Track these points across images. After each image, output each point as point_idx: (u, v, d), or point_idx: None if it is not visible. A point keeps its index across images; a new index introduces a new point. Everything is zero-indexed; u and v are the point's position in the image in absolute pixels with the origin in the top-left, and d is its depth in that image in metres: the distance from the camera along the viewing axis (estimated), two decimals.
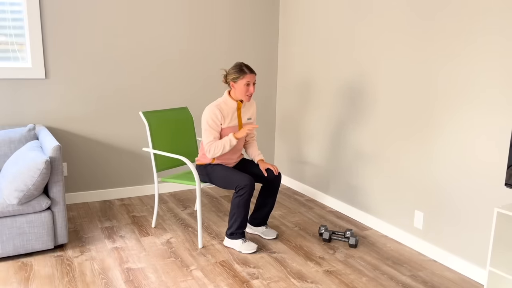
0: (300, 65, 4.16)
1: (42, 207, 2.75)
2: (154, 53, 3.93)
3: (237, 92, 2.94)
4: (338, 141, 3.73)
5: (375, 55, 3.26)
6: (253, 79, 2.92)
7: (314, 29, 3.91)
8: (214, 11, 4.11)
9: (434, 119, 2.83)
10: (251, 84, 2.91)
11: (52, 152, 2.77)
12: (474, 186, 2.61)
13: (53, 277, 2.57)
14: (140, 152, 4.05)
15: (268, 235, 3.18)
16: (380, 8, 3.18)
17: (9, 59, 3.46)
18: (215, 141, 2.91)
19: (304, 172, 4.22)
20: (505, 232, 2.17)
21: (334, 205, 3.82)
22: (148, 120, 3.13)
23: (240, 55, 4.31)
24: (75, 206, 3.77)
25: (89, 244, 3.02)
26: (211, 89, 4.25)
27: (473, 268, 2.65)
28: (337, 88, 3.69)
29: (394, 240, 3.19)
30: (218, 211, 3.71)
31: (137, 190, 4.08)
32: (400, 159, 3.12)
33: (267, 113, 4.59)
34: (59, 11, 3.52)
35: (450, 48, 2.68)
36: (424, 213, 2.96)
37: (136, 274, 2.63)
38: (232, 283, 2.55)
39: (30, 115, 3.57)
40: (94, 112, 3.80)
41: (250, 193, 2.83)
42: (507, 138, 2.41)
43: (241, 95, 2.93)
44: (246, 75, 2.89)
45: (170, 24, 3.95)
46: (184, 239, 3.13)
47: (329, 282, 2.59)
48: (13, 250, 2.73)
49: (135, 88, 3.92)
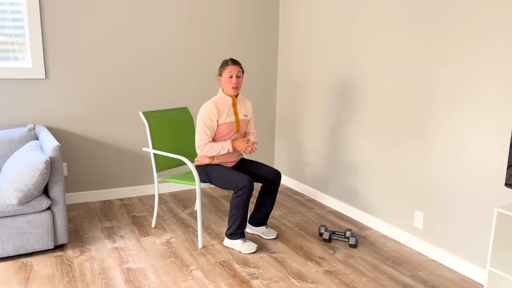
0: (300, 64, 4.16)
1: (42, 207, 2.75)
2: (154, 53, 3.93)
3: (224, 85, 2.99)
4: (338, 141, 3.73)
5: (374, 55, 3.26)
6: (236, 71, 2.94)
7: (314, 28, 3.91)
8: (214, 10, 4.11)
9: (434, 119, 2.83)
10: (234, 76, 2.94)
11: (52, 152, 2.77)
12: (474, 186, 2.61)
13: (53, 277, 2.57)
14: (140, 152, 4.05)
15: (268, 235, 3.18)
16: (379, 8, 3.18)
17: (9, 59, 3.46)
18: (209, 140, 2.93)
19: (304, 172, 4.22)
20: (505, 232, 2.17)
21: (334, 205, 3.82)
22: (148, 120, 3.13)
23: (240, 54, 4.31)
24: (75, 206, 3.77)
25: (89, 244, 3.02)
26: (211, 89, 4.25)
27: (473, 268, 2.65)
28: (337, 88, 3.69)
29: (394, 240, 3.19)
30: (218, 211, 3.71)
31: (137, 190, 4.08)
32: (400, 159, 3.12)
33: (267, 113, 4.59)
34: (59, 11, 3.52)
35: (448, 49, 2.68)
36: (424, 213, 2.96)
37: (136, 274, 2.63)
38: (232, 283, 2.55)
39: (30, 115, 3.57)
40: (94, 112, 3.80)
41: (249, 194, 2.83)
42: (507, 138, 2.41)
43: (227, 87, 2.97)
44: (228, 66, 2.95)
45: (170, 24, 3.95)
46: (184, 239, 3.13)
47: (329, 282, 2.59)
48: (13, 250, 2.73)
49: (135, 88, 3.92)
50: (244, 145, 2.96)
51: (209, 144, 2.93)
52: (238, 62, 2.99)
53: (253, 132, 3.21)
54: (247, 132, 3.20)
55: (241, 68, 2.99)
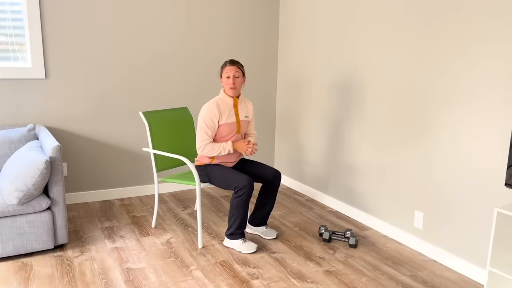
0: (300, 64, 4.16)
1: (42, 207, 2.75)
2: (154, 53, 3.93)
3: (224, 86, 3.00)
4: (338, 141, 3.73)
5: (374, 54, 3.26)
6: (233, 71, 2.95)
7: (314, 27, 3.91)
8: (215, 10, 4.11)
9: (434, 119, 2.83)
10: (231, 76, 2.95)
11: (52, 152, 2.77)
12: (474, 186, 2.61)
13: (53, 277, 2.57)
14: (140, 152, 4.05)
15: (268, 235, 3.18)
16: (380, 7, 3.18)
17: (9, 59, 3.46)
18: (210, 141, 2.93)
19: (304, 172, 4.22)
20: (505, 232, 2.17)
21: (334, 205, 3.82)
22: (148, 120, 3.13)
23: (240, 54, 4.31)
24: (75, 206, 3.77)
25: (89, 244, 3.02)
26: (211, 89, 4.25)
27: (473, 268, 2.65)
28: (337, 88, 3.69)
29: (394, 240, 3.19)
30: (218, 211, 3.71)
31: (137, 190, 4.08)
32: (400, 159, 3.12)
33: (267, 113, 4.59)
34: (59, 11, 3.52)
35: (448, 49, 2.68)
36: (424, 213, 2.96)
37: (136, 274, 2.63)
38: (232, 283, 2.55)
39: (30, 115, 3.57)
40: (94, 112, 3.80)
41: (249, 194, 2.83)
42: (507, 138, 2.41)
43: (227, 88, 2.99)
44: (225, 67, 2.97)
45: (170, 24, 3.95)
46: (184, 239, 3.13)
47: (329, 282, 2.59)
48: (13, 250, 2.73)
49: (135, 88, 3.92)
50: (244, 146, 2.96)
51: (210, 144, 2.93)
52: (237, 62, 2.99)
53: (253, 133, 3.21)
54: (248, 133, 3.20)
55: (240, 68, 2.98)
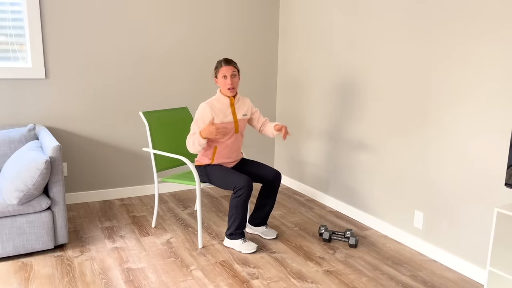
0: (300, 64, 4.17)
1: (42, 207, 2.75)
2: (154, 53, 3.93)
3: (221, 87, 2.96)
4: (338, 141, 3.73)
5: (374, 54, 3.26)
6: (230, 71, 2.90)
7: (314, 28, 3.91)
8: (215, 10, 4.11)
9: (434, 119, 2.83)
10: (229, 77, 2.90)
11: (52, 152, 2.77)
12: (474, 186, 2.61)
13: (53, 277, 2.57)
14: (140, 152, 4.05)
15: (268, 235, 3.18)
16: (379, 8, 3.18)
17: (9, 59, 3.46)
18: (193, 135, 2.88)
19: (304, 172, 4.22)
20: (505, 232, 2.17)
21: (334, 205, 3.82)
22: (148, 120, 3.13)
23: (240, 54, 4.31)
24: (75, 206, 3.77)
25: (89, 244, 3.02)
26: (211, 89, 4.25)
27: (473, 268, 2.65)
28: (337, 88, 3.69)
29: (394, 240, 3.19)
30: (218, 211, 3.71)
31: (137, 190, 4.08)
32: (400, 159, 3.12)
33: (267, 113, 4.59)
34: (59, 11, 3.52)
35: (448, 49, 2.68)
36: (424, 213, 2.96)
37: (136, 274, 2.63)
38: (232, 283, 2.55)
39: (30, 115, 3.57)
40: (94, 112, 3.80)
41: (248, 194, 2.83)
42: (507, 138, 2.41)
43: (223, 88, 2.94)
44: (221, 67, 2.91)
45: (170, 24, 3.95)
46: (184, 239, 3.13)
47: (329, 282, 2.59)
48: (13, 250, 2.73)
49: (135, 88, 3.92)
50: (213, 129, 2.74)
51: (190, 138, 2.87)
52: (232, 61, 2.94)
53: (265, 119, 3.17)
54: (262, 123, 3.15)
55: (236, 67, 2.94)
